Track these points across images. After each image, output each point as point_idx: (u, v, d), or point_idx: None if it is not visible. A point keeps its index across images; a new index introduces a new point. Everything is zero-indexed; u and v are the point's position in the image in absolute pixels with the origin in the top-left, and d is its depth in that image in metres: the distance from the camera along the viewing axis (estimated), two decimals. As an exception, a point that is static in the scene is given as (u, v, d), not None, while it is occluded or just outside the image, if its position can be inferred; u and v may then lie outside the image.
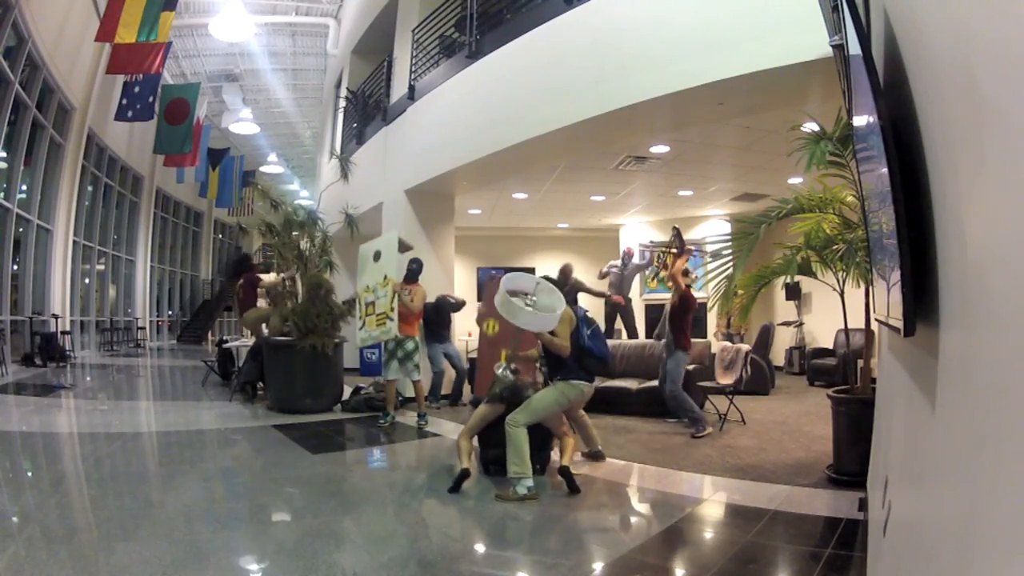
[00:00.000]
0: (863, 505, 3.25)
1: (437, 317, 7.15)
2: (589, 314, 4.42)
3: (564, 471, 3.79)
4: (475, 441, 4.21)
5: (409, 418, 6.21)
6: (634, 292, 10.26)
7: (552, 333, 4.00)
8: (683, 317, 5.55)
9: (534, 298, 4.07)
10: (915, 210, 1.29)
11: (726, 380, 6.18)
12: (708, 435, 5.24)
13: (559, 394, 4.00)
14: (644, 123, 5.50)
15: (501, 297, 3.87)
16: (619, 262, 9.37)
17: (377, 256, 6.22)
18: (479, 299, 10.41)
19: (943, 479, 1.08)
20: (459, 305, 7.35)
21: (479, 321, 6.61)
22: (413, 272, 6.28)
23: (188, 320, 20.89)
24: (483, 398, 4.30)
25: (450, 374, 7.37)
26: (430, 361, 7.08)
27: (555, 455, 4.30)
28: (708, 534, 3.27)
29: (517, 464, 3.70)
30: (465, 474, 3.82)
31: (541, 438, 4.19)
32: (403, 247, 6.40)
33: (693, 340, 5.84)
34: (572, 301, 5.63)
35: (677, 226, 6.50)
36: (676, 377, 5.55)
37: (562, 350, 3.99)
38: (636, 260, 9.64)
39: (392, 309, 5.89)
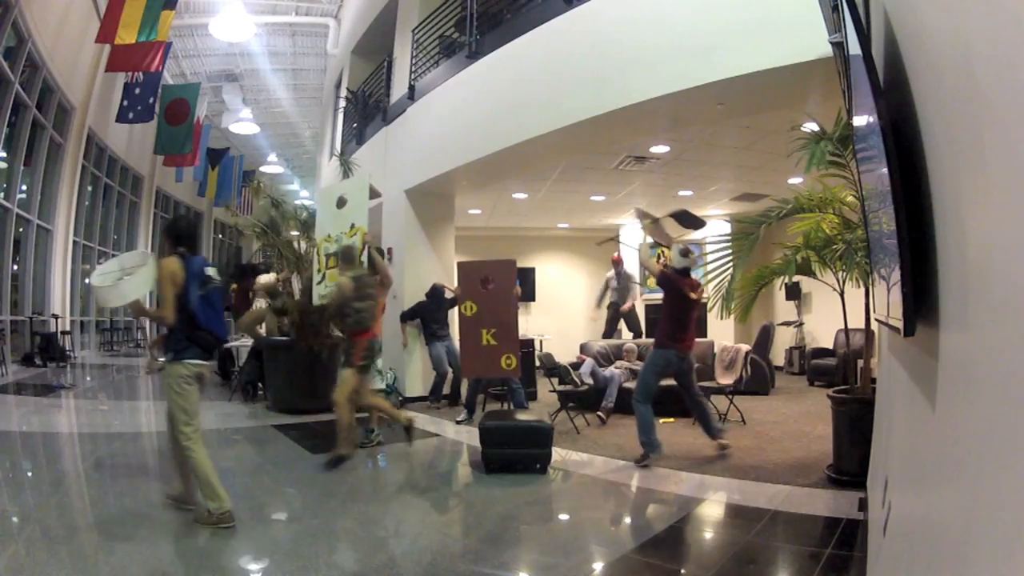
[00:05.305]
0: (863, 505, 3.25)
1: (437, 309, 6.92)
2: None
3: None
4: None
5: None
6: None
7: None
8: (667, 308, 4.70)
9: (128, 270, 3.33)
10: (915, 210, 1.29)
11: (726, 380, 6.17)
12: (647, 467, 4.31)
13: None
14: (644, 123, 5.50)
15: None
16: (612, 271, 9.36)
17: (341, 203, 5.75)
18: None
19: (943, 479, 1.08)
20: (456, 301, 6.98)
21: (458, 304, 6.39)
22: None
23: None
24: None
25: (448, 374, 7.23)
26: (434, 363, 6.91)
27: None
28: (708, 534, 3.27)
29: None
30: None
31: (542, 437, 4.20)
32: (373, 193, 5.93)
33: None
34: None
35: (638, 207, 6.14)
36: (641, 382, 4.56)
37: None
38: (626, 268, 9.54)
39: (362, 263, 5.13)
